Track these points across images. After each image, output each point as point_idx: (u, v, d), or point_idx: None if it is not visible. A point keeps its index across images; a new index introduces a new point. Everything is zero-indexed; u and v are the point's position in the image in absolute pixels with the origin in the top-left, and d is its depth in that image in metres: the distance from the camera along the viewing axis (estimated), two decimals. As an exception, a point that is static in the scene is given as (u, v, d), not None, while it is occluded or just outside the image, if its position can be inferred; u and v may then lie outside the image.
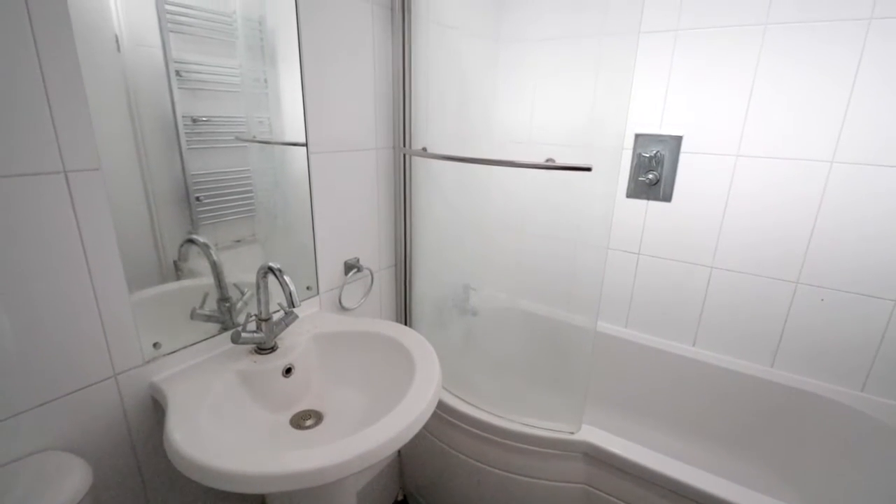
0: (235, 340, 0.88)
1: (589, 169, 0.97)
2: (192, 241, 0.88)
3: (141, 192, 0.79)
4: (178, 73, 0.81)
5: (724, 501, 0.93)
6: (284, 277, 0.83)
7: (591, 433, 1.12)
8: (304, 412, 0.90)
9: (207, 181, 0.89)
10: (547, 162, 1.02)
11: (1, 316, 0.63)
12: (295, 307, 0.84)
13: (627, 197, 1.58)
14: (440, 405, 1.28)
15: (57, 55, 0.63)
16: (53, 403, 0.70)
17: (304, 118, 1.04)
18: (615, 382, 1.67)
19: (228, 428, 0.75)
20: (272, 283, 0.87)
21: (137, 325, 0.79)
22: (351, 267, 1.24)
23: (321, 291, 1.18)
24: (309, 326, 1.03)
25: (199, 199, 0.88)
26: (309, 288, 1.14)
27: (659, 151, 1.48)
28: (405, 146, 1.30)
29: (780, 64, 1.26)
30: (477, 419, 1.22)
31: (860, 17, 1.14)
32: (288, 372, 0.92)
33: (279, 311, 0.95)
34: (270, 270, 0.85)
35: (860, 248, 1.26)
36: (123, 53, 0.73)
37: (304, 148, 1.06)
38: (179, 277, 0.88)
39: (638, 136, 1.51)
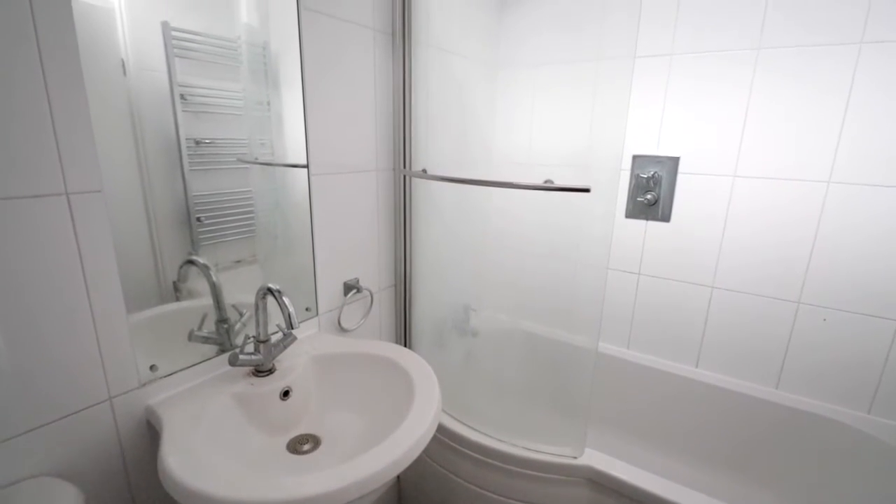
0: (233, 363, 0.87)
1: (587, 190, 0.98)
2: (191, 262, 0.88)
3: (142, 213, 0.79)
4: (182, 96, 0.82)
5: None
6: (283, 299, 0.83)
7: (594, 458, 1.10)
8: (301, 436, 0.89)
9: (209, 202, 0.89)
10: (546, 183, 1.03)
11: (-3, 338, 0.63)
12: (294, 329, 0.84)
13: (626, 217, 1.58)
14: (440, 429, 1.26)
15: (63, 79, 0.64)
16: (47, 428, 0.69)
17: (305, 140, 1.05)
18: (618, 404, 1.65)
19: (224, 453, 0.74)
20: (271, 304, 0.87)
21: (134, 347, 0.78)
22: (350, 288, 1.24)
23: (320, 312, 1.17)
24: (308, 348, 1.02)
25: (199, 219, 0.88)
26: (308, 309, 1.14)
27: (657, 172, 1.50)
28: (405, 168, 1.31)
29: (773, 86, 1.28)
30: (477, 443, 1.19)
31: (851, 41, 1.17)
32: (286, 395, 0.91)
33: (278, 332, 0.94)
34: (269, 292, 0.85)
35: (861, 267, 1.26)
36: (129, 77, 0.74)
37: (305, 169, 1.07)
38: (178, 298, 0.87)
39: (635, 157, 1.53)
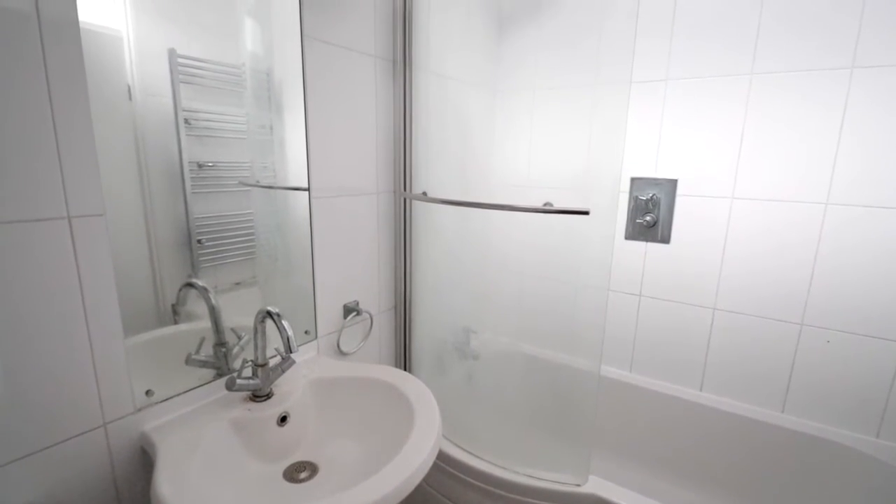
0: (230, 388, 0.86)
1: (587, 213, 0.98)
2: (191, 284, 0.88)
3: (143, 235, 0.80)
4: (186, 120, 0.83)
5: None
6: (282, 322, 0.82)
7: (598, 485, 1.07)
8: (298, 463, 0.87)
9: (210, 224, 0.90)
10: (545, 206, 1.04)
11: (-9, 363, 0.62)
12: (292, 353, 0.83)
13: (626, 238, 1.59)
14: (440, 455, 1.23)
15: (69, 105, 0.65)
16: (39, 455, 0.67)
17: (307, 163, 1.06)
18: (621, 429, 1.62)
19: (219, 482, 0.72)
20: (270, 327, 0.86)
21: (131, 371, 0.77)
22: (350, 310, 1.23)
23: (319, 335, 1.16)
24: (306, 372, 1.01)
25: (200, 241, 0.89)
26: (307, 332, 1.13)
27: (655, 194, 1.51)
28: (405, 190, 1.32)
29: (768, 110, 1.31)
30: (479, 470, 1.17)
31: (842, 66, 1.19)
32: (283, 420, 0.89)
33: (276, 356, 0.93)
34: (269, 315, 0.84)
35: (863, 289, 1.25)
36: (135, 102, 0.76)
37: (306, 192, 1.07)
38: (177, 321, 0.86)
39: (634, 179, 1.54)
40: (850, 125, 1.21)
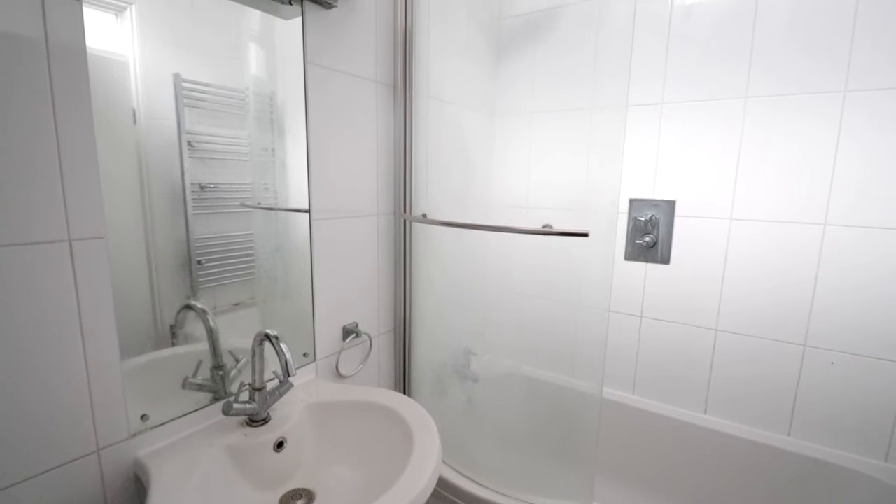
0: (227, 412, 0.84)
1: (586, 234, 0.98)
2: (190, 306, 0.87)
3: (143, 256, 0.79)
4: (189, 143, 0.84)
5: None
6: (281, 345, 0.81)
7: (603, 512, 1.04)
8: (294, 491, 0.84)
9: (210, 245, 0.90)
10: (544, 228, 1.04)
11: (-15, 387, 0.61)
12: (291, 376, 0.82)
13: (626, 259, 1.59)
14: (440, 482, 1.20)
15: (74, 129, 0.66)
16: (29, 482, 0.66)
17: (308, 185, 1.07)
18: (624, 453, 1.59)
19: (213, 510, 0.70)
20: (268, 349, 0.85)
21: (126, 395, 0.75)
22: (349, 332, 1.22)
23: (318, 358, 1.15)
24: (304, 396, 0.99)
25: (200, 262, 0.88)
26: (306, 355, 1.11)
27: (654, 215, 1.52)
28: (405, 212, 1.33)
29: (763, 132, 1.32)
30: (479, 497, 1.14)
31: (835, 89, 1.22)
32: (280, 446, 0.87)
33: (274, 379, 0.91)
34: (267, 338, 0.83)
35: (865, 309, 1.25)
36: (139, 125, 0.76)
37: (306, 214, 1.08)
38: (174, 343, 0.85)
39: (632, 200, 1.55)
40: (845, 147, 1.22)
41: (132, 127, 0.76)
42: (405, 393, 1.43)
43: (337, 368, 1.20)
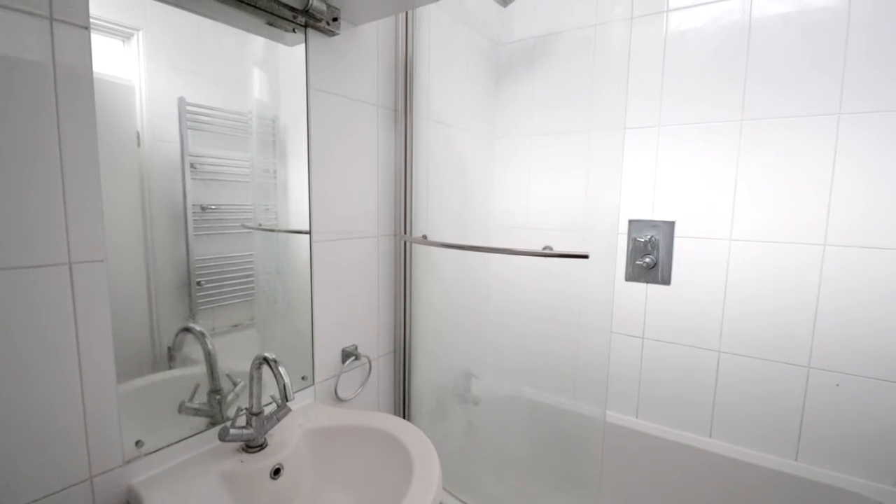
0: (223, 438, 0.82)
1: (586, 256, 0.98)
2: (188, 328, 0.86)
3: (143, 277, 0.79)
4: (192, 165, 0.85)
5: None
6: (279, 369, 0.80)
7: (608, 542, 1.01)
8: (292, 520, 0.82)
9: (210, 266, 0.89)
10: (545, 249, 1.04)
11: (-23, 413, 0.60)
12: (289, 401, 0.80)
13: (627, 280, 1.58)
14: (441, 509, 1.17)
15: (79, 152, 0.66)
16: (16, 513, 0.64)
17: (308, 207, 1.07)
18: (628, 478, 1.55)
19: (207, 541, 0.67)
20: (266, 373, 0.84)
21: (122, 420, 0.74)
22: (349, 355, 1.21)
23: (317, 381, 1.13)
24: (302, 420, 0.98)
25: (200, 283, 0.88)
26: (304, 378, 1.10)
27: (653, 236, 1.52)
28: (406, 234, 1.33)
29: (760, 154, 1.34)
30: (482, 525, 1.11)
31: (830, 112, 1.23)
32: (276, 473, 0.85)
33: (271, 403, 0.90)
34: (265, 361, 0.82)
35: (866, 330, 1.24)
36: (143, 148, 0.77)
37: (307, 235, 1.08)
38: (171, 366, 0.84)
39: (632, 221, 1.56)
40: (841, 169, 1.24)
41: (136, 149, 0.76)
42: (405, 417, 1.40)
43: (336, 392, 1.18)
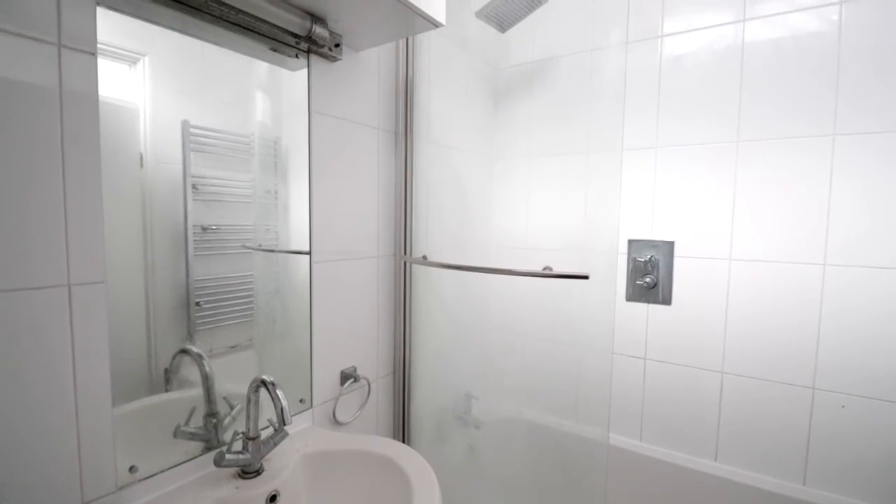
0: (218, 464, 0.80)
1: (586, 277, 0.98)
2: (185, 350, 0.85)
3: (142, 298, 0.78)
4: (194, 186, 0.85)
5: None
6: (277, 392, 0.79)
7: (614, 572, 0.98)
8: (288, 549, 0.80)
9: (210, 287, 0.89)
10: (545, 270, 1.04)
11: (-32, 437, 0.58)
12: (286, 425, 0.79)
13: (627, 300, 1.58)
14: (441, 537, 1.13)
15: (81, 175, 0.67)
16: (3, 543, 0.62)
17: (309, 227, 1.08)
18: (633, 503, 1.51)
19: (200, 572, 0.65)
20: (264, 396, 0.83)
21: (116, 444, 0.72)
22: (348, 377, 1.19)
23: (315, 404, 1.11)
24: (299, 444, 0.96)
25: (199, 304, 0.87)
26: (302, 401, 1.08)
27: (653, 256, 1.52)
28: (406, 254, 1.33)
29: (757, 174, 1.35)
30: (483, 555, 1.07)
31: (824, 133, 1.25)
32: (272, 500, 0.83)
33: (269, 426, 0.88)
34: (263, 384, 0.81)
35: (869, 350, 1.23)
36: (145, 169, 0.78)
37: (307, 256, 1.08)
38: (168, 389, 0.83)
39: (631, 241, 1.56)
40: (838, 189, 1.25)
41: (138, 171, 0.77)
42: (404, 440, 1.38)
43: (334, 415, 1.16)
